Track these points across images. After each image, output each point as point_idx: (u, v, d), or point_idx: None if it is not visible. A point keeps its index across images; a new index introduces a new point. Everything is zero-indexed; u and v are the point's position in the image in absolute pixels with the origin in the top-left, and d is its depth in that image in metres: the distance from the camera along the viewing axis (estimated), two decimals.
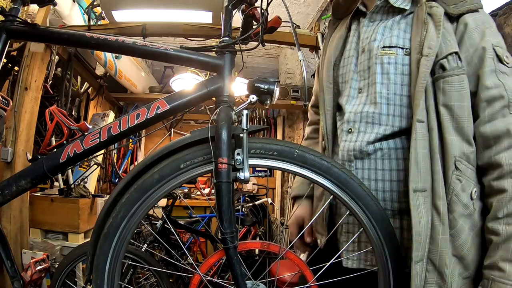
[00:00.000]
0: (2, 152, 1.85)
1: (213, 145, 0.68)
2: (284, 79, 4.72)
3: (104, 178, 3.64)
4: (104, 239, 0.71)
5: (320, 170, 0.71)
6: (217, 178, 0.66)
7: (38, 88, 2.03)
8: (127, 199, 0.71)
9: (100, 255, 0.71)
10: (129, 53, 0.87)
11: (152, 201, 0.71)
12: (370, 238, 0.72)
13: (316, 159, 0.72)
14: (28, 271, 1.55)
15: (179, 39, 2.10)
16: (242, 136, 0.67)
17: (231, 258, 0.68)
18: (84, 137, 0.75)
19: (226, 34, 0.82)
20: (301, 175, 0.72)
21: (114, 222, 0.71)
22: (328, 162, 0.72)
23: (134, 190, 0.71)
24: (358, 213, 0.72)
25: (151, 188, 0.70)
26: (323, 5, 3.75)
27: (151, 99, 3.06)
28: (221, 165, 0.65)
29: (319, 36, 2.17)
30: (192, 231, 2.59)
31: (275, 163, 0.72)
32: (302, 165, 0.72)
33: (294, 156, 0.71)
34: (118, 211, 0.71)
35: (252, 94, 0.73)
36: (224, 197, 0.66)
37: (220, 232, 0.68)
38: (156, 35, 2.16)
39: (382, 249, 0.71)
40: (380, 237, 0.71)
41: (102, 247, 0.71)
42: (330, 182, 0.72)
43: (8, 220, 1.83)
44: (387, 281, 0.71)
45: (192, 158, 0.71)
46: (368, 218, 0.71)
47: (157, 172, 0.71)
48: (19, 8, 0.86)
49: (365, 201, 0.71)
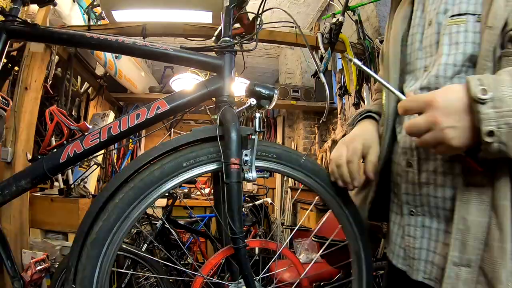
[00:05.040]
0: (2, 152, 1.85)
1: (222, 144, 0.68)
2: (284, 79, 4.73)
3: (104, 178, 3.64)
4: (92, 246, 0.63)
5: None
6: (229, 178, 0.66)
7: (38, 88, 2.03)
8: (122, 199, 0.64)
9: (87, 266, 0.62)
10: (129, 53, 0.87)
11: (149, 202, 0.66)
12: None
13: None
14: (28, 271, 1.55)
15: (179, 39, 2.10)
16: (254, 138, 0.70)
17: (241, 257, 0.69)
18: (84, 137, 0.75)
19: (226, 34, 0.82)
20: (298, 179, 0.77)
21: (105, 225, 0.63)
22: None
23: (130, 189, 0.65)
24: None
25: (150, 187, 0.66)
26: (323, 5, 3.75)
27: (151, 99, 3.06)
28: (233, 165, 0.66)
29: (319, 36, 2.17)
30: (192, 231, 2.59)
31: (274, 165, 0.76)
32: (300, 170, 0.78)
33: (300, 162, 0.77)
34: (110, 212, 0.64)
35: (252, 98, 0.74)
36: (235, 197, 0.67)
37: (230, 232, 0.67)
38: (156, 35, 2.16)
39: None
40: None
41: (90, 255, 0.63)
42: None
43: (8, 220, 1.83)
44: (358, 252, 0.80)
45: (195, 156, 0.69)
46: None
47: (158, 169, 0.66)
48: (19, 8, 0.86)
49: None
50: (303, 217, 3.74)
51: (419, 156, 0.67)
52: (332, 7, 3.31)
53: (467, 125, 0.50)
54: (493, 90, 0.48)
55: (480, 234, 0.56)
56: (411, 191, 0.68)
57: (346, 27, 2.33)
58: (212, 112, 0.80)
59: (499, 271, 0.55)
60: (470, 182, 0.58)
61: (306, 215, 3.27)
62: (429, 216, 0.66)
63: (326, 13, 3.40)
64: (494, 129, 0.48)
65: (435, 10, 0.68)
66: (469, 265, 0.57)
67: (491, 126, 0.48)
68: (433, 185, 0.64)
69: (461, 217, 0.58)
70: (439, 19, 0.66)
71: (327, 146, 3.47)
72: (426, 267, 0.66)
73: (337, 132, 3.37)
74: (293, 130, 4.55)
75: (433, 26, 0.68)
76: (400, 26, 0.76)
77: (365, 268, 0.81)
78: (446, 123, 0.51)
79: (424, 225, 0.67)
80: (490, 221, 0.56)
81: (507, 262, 0.54)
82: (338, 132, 3.33)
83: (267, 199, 3.66)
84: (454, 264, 0.59)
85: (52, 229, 2.03)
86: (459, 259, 0.58)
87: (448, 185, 0.62)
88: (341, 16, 2.10)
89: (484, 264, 0.56)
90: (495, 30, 0.55)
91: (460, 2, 0.64)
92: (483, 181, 0.56)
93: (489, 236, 0.56)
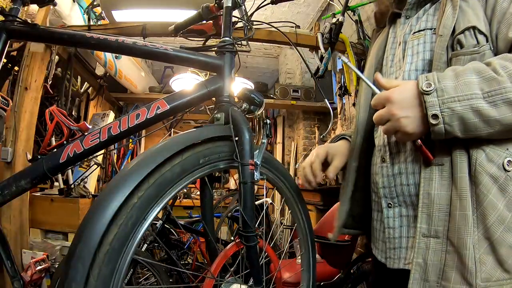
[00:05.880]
0: (2, 152, 1.85)
1: (236, 144, 0.69)
2: (284, 79, 4.73)
3: (104, 178, 3.64)
4: (104, 261, 0.50)
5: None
6: (245, 178, 0.68)
7: (38, 88, 2.03)
8: (143, 198, 0.55)
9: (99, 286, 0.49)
10: (129, 53, 0.87)
11: (166, 200, 0.59)
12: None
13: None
14: (28, 271, 1.56)
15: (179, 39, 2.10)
16: (263, 141, 0.77)
17: (253, 255, 0.71)
18: (84, 137, 0.75)
19: (226, 34, 0.82)
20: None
21: (123, 232, 0.52)
22: None
23: (151, 186, 0.57)
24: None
25: (170, 183, 0.60)
26: (323, 5, 3.75)
27: (151, 99, 3.06)
28: (251, 166, 0.68)
29: (319, 36, 2.17)
30: (192, 231, 2.59)
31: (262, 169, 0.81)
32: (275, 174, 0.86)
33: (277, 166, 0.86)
34: (129, 215, 0.53)
35: (245, 102, 0.80)
36: (250, 197, 0.69)
37: (244, 231, 0.69)
38: (156, 35, 2.16)
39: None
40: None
41: (101, 276, 0.49)
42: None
43: (8, 220, 1.83)
44: (304, 232, 0.92)
45: (210, 154, 0.68)
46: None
47: (179, 164, 0.62)
48: (19, 8, 0.86)
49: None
50: None
51: (391, 151, 0.76)
52: (332, 7, 3.32)
53: (418, 115, 0.61)
54: (436, 83, 0.59)
55: (444, 206, 0.64)
56: (387, 184, 0.75)
57: (346, 27, 2.33)
58: (213, 112, 0.80)
59: (464, 238, 0.60)
60: (431, 163, 0.66)
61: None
62: (405, 205, 0.73)
63: (326, 13, 3.40)
64: (438, 113, 0.58)
65: (403, 33, 0.80)
66: (437, 236, 0.64)
67: (435, 110, 0.58)
68: (405, 174, 0.72)
69: (426, 192, 0.66)
70: (405, 38, 0.79)
71: None
72: (407, 253, 0.71)
73: (337, 132, 3.37)
74: (293, 130, 4.56)
75: (401, 45, 0.80)
76: (375, 54, 0.89)
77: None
78: (401, 114, 0.62)
79: (402, 215, 0.73)
80: (451, 193, 0.63)
81: (470, 228, 0.60)
82: (338, 132, 3.33)
83: (267, 199, 3.66)
84: (423, 235, 0.65)
85: (52, 229, 2.04)
86: (427, 230, 0.65)
87: (417, 172, 0.70)
88: (341, 16, 2.10)
89: (451, 234, 0.62)
90: (444, 37, 0.67)
91: (420, 21, 0.77)
92: (443, 160, 0.65)
93: (451, 207, 0.63)
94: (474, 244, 0.59)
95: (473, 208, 0.61)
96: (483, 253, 0.60)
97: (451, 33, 0.67)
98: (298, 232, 0.93)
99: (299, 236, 0.93)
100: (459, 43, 0.66)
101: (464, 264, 0.59)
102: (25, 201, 1.91)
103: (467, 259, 0.59)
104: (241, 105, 0.80)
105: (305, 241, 0.93)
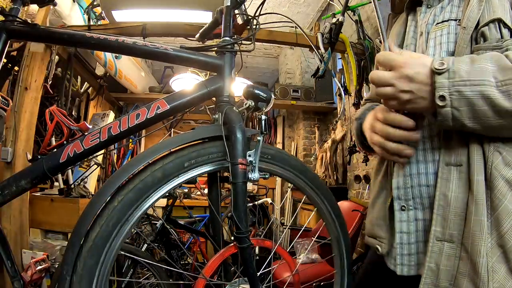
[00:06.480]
0: (2, 152, 1.85)
1: (227, 145, 0.68)
2: (284, 79, 4.73)
3: (104, 178, 3.64)
4: (89, 255, 0.59)
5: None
6: (235, 179, 0.67)
7: (38, 88, 2.03)
8: (123, 202, 0.61)
9: (84, 277, 0.58)
10: (129, 53, 0.87)
11: (150, 203, 0.64)
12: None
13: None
14: (28, 271, 1.55)
15: (179, 39, 2.10)
16: (259, 139, 0.72)
17: (247, 256, 0.69)
18: (84, 137, 0.75)
19: (226, 34, 0.82)
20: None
21: (104, 231, 0.60)
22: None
23: (131, 191, 0.62)
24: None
25: (151, 188, 0.63)
26: (323, 5, 3.75)
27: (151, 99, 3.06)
28: (241, 165, 0.67)
29: (319, 36, 2.17)
30: (192, 231, 2.59)
31: (269, 166, 0.78)
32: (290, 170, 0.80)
33: (290, 163, 0.80)
34: (109, 217, 0.60)
35: (250, 100, 0.76)
36: (242, 197, 0.68)
37: (236, 231, 0.68)
38: (156, 35, 2.16)
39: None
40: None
41: (87, 265, 0.58)
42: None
43: (8, 220, 1.83)
44: (341, 249, 0.86)
45: (197, 156, 0.68)
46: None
47: (160, 169, 0.64)
48: (19, 8, 0.86)
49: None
50: (303, 217, 3.74)
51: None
52: (332, 7, 3.32)
53: (424, 95, 0.58)
54: (450, 64, 0.56)
55: (460, 209, 0.60)
56: (402, 185, 0.70)
57: (346, 27, 2.33)
58: (212, 112, 0.80)
59: (478, 244, 0.57)
60: (449, 162, 0.62)
61: (310, 216, 3.27)
62: (422, 208, 0.68)
63: (326, 13, 3.40)
64: (446, 94, 0.55)
65: (425, 23, 0.76)
66: (452, 240, 0.61)
67: (443, 92, 0.55)
68: (424, 174, 0.68)
69: (442, 193, 0.62)
70: (428, 29, 0.75)
71: (327, 146, 3.47)
72: (425, 259, 0.65)
73: (337, 132, 3.37)
74: (293, 130, 4.56)
75: (423, 36, 0.75)
76: (396, 40, 0.83)
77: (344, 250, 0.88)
78: (405, 87, 0.59)
79: (417, 219, 0.68)
80: (468, 196, 0.60)
81: (484, 235, 0.57)
82: (338, 132, 3.33)
83: (267, 199, 3.66)
84: (437, 239, 0.62)
85: (52, 229, 2.03)
86: (441, 234, 0.62)
87: (435, 172, 0.66)
88: (341, 16, 2.10)
89: (465, 240, 0.59)
90: (468, 30, 0.64)
91: (445, 12, 0.73)
92: (461, 160, 0.61)
93: (467, 211, 0.59)
94: (487, 251, 0.57)
95: (488, 214, 0.58)
96: (495, 261, 0.57)
97: (475, 25, 0.64)
98: (329, 232, 0.85)
99: (331, 237, 0.86)
100: (483, 35, 0.63)
101: (477, 272, 0.57)
102: (25, 201, 1.91)
103: (479, 267, 0.56)
104: (246, 104, 0.76)
105: (337, 243, 0.86)
